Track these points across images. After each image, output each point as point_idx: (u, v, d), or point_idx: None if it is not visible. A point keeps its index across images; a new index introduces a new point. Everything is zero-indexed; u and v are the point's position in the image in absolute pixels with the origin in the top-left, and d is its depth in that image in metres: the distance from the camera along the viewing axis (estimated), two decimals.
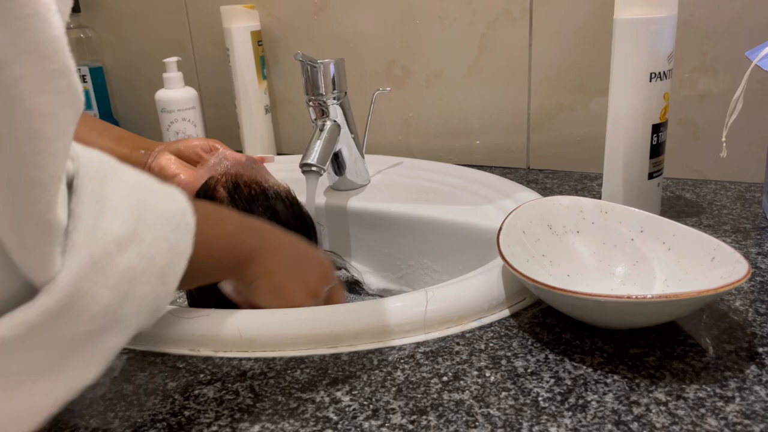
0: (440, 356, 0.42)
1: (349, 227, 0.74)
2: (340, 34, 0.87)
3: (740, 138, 0.67)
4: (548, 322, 0.45)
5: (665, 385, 0.37)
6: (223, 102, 0.98)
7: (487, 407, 0.36)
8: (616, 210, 0.51)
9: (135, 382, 0.41)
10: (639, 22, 0.54)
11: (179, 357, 0.43)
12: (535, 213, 0.52)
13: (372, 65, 0.86)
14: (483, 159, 0.84)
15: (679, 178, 0.74)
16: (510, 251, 0.46)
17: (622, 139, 0.58)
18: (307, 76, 0.69)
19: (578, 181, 0.75)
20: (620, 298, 0.38)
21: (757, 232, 0.58)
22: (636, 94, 0.56)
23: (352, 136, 0.73)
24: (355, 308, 0.47)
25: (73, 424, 0.37)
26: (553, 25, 0.75)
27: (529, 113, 0.80)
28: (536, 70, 0.78)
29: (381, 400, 0.38)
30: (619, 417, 0.35)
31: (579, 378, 0.38)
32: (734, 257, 0.41)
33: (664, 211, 0.64)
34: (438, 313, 0.45)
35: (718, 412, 0.35)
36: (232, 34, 0.89)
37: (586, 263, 0.50)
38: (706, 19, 0.68)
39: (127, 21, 1.05)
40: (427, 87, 0.84)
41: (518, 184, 0.71)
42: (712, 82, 0.70)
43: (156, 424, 0.37)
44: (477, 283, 0.48)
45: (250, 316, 0.45)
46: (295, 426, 0.36)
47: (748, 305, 0.46)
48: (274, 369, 0.42)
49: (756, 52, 0.54)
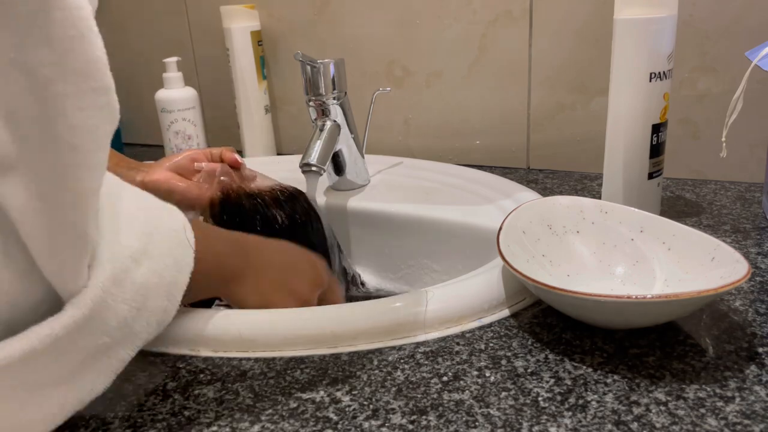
0: (440, 356, 0.42)
1: (349, 227, 0.74)
2: (340, 34, 0.87)
3: (740, 138, 0.67)
4: (548, 322, 0.45)
5: (665, 385, 0.37)
6: (223, 102, 0.98)
7: (487, 407, 0.36)
8: (616, 210, 0.51)
9: (135, 382, 0.41)
10: (639, 22, 0.54)
11: (179, 357, 0.43)
12: (535, 213, 0.52)
13: (372, 65, 0.86)
14: (483, 159, 0.84)
15: (679, 178, 0.74)
16: (510, 251, 0.46)
17: (622, 139, 0.58)
18: (307, 76, 0.69)
19: (578, 181, 0.75)
20: (620, 298, 0.38)
21: (757, 232, 0.58)
22: (636, 94, 0.56)
23: (352, 136, 0.73)
24: (355, 308, 0.47)
25: (73, 424, 0.37)
26: (553, 25, 0.75)
27: (529, 113, 0.80)
28: (536, 70, 0.78)
29: (381, 400, 0.38)
30: (619, 417, 0.35)
31: (579, 378, 0.38)
32: (734, 257, 0.41)
33: (664, 211, 0.64)
34: (438, 313, 0.45)
35: (718, 412, 0.35)
36: (232, 34, 0.89)
37: (586, 263, 0.50)
38: (706, 19, 0.68)
39: (127, 21, 1.05)
40: (427, 87, 0.84)
41: (518, 184, 0.71)
42: (712, 82, 0.70)
43: (156, 424, 0.37)
44: (477, 283, 0.48)
45: (250, 316, 0.45)
46: (295, 426, 0.36)
47: (748, 305, 0.46)
48: (274, 369, 0.42)
49: (756, 52, 0.54)
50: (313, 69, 0.69)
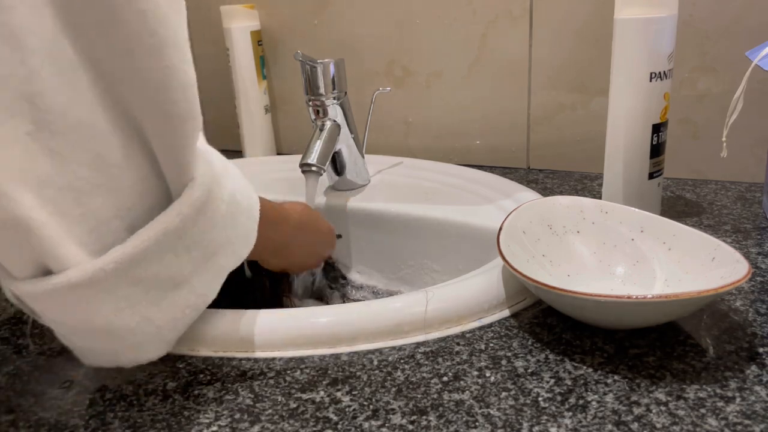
0: (440, 356, 0.42)
1: (349, 227, 0.74)
2: (340, 33, 0.87)
3: (740, 138, 0.67)
4: (548, 322, 0.45)
5: (665, 385, 0.37)
6: (223, 102, 0.98)
7: (488, 407, 0.36)
8: (616, 210, 0.51)
9: (135, 382, 0.41)
10: (639, 22, 0.54)
11: (179, 357, 0.43)
12: (535, 213, 0.52)
13: (372, 65, 0.86)
14: (483, 159, 0.84)
15: (679, 178, 0.74)
16: (510, 251, 0.46)
17: (622, 139, 0.58)
18: (307, 76, 0.69)
19: (578, 181, 0.75)
20: (620, 298, 0.38)
21: (757, 232, 0.58)
22: (636, 94, 0.56)
23: (352, 136, 0.73)
24: (355, 308, 0.47)
25: (74, 424, 0.37)
26: (553, 25, 0.75)
27: (529, 113, 0.80)
28: (536, 70, 0.78)
29: (381, 401, 0.38)
30: (619, 417, 0.35)
31: (579, 378, 0.38)
32: (734, 257, 0.41)
33: (664, 211, 0.64)
34: (438, 313, 0.45)
35: (718, 413, 0.35)
36: (232, 34, 0.89)
37: (586, 263, 0.50)
38: (706, 19, 0.68)
39: None
40: (427, 87, 0.84)
41: (518, 184, 0.71)
42: (712, 82, 0.70)
43: (156, 424, 0.37)
44: (477, 283, 0.48)
45: (250, 316, 0.45)
46: (295, 426, 0.36)
47: (748, 305, 0.46)
48: (274, 369, 0.41)
49: (756, 52, 0.54)
50: (312, 69, 0.68)
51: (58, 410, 0.39)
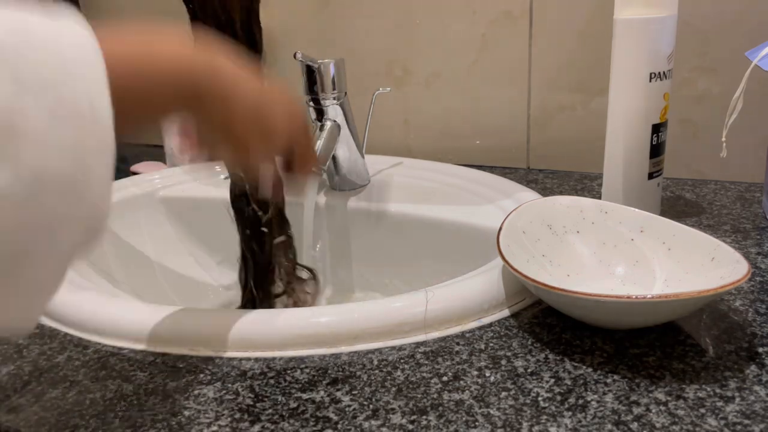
0: (440, 356, 0.42)
1: (349, 227, 0.74)
2: (339, 34, 0.87)
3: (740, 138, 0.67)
4: (548, 322, 0.45)
5: (665, 385, 0.37)
6: None
7: (487, 407, 0.36)
8: (616, 210, 0.51)
9: (135, 382, 0.41)
10: (639, 22, 0.54)
11: (179, 357, 0.43)
12: (535, 213, 0.52)
13: (372, 65, 0.86)
14: (483, 159, 0.84)
15: (679, 178, 0.74)
16: (510, 251, 0.46)
17: (622, 139, 0.58)
18: (306, 76, 0.69)
19: (578, 181, 0.75)
20: (620, 298, 0.38)
21: (757, 232, 0.58)
22: (636, 94, 0.56)
23: (352, 136, 0.73)
24: (355, 308, 0.47)
25: (73, 424, 0.37)
26: (553, 25, 0.75)
27: (529, 113, 0.80)
28: (536, 70, 0.78)
29: (381, 400, 0.38)
30: (619, 417, 0.35)
31: (579, 378, 0.38)
32: (734, 257, 0.41)
33: (664, 211, 0.64)
34: (438, 313, 0.45)
35: (718, 412, 0.35)
36: None
37: (586, 263, 0.50)
38: (706, 19, 0.68)
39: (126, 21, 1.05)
40: (427, 87, 0.84)
41: (518, 184, 0.71)
42: (712, 82, 0.70)
43: (156, 424, 0.37)
44: (477, 283, 0.48)
45: (250, 316, 0.45)
46: (295, 426, 0.36)
47: (748, 305, 0.46)
48: (274, 369, 0.42)
49: (756, 52, 0.54)
50: (312, 69, 0.69)
51: (59, 410, 0.39)
